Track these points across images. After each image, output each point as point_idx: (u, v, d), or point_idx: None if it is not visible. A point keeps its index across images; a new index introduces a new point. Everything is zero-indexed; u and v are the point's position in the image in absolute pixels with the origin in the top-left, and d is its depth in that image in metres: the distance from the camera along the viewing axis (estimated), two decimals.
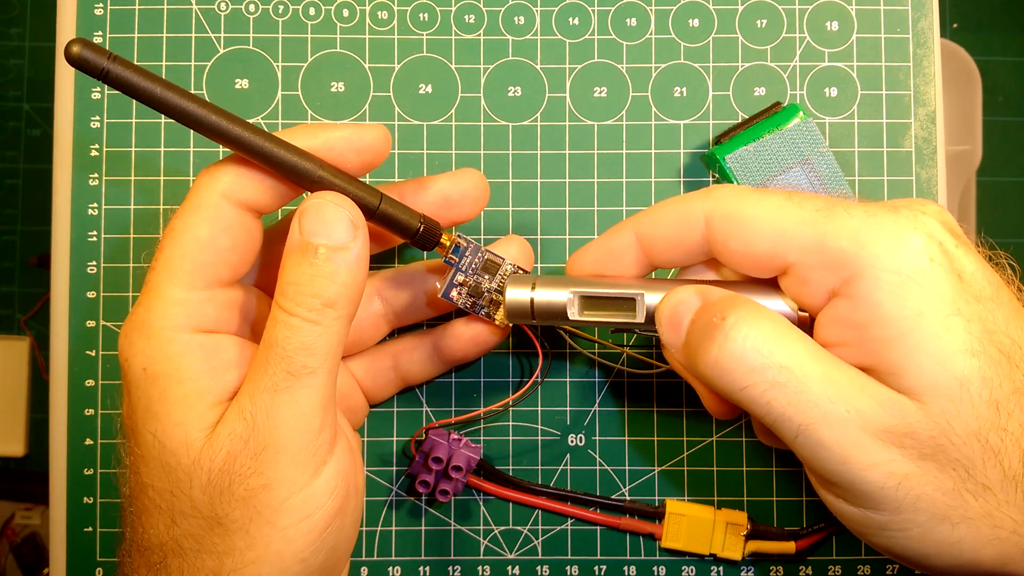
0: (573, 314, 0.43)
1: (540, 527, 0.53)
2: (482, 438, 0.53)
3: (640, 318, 0.42)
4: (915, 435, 0.34)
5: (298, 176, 0.39)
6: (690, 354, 0.38)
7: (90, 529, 0.52)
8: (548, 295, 0.43)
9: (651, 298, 0.42)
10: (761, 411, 0.36)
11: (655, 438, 0.53)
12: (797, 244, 0.37)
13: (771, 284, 0.41)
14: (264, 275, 0.45)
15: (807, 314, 0.39)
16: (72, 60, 0.34)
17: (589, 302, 0.43)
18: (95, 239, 0.53)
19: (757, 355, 0.35)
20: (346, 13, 0.54)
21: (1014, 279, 0.38)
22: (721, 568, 0.53)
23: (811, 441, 0.35)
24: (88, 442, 0.53)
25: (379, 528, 0.53)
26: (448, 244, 0.44)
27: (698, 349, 0.37)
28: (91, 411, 0.53)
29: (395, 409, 0.53)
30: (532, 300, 0.44)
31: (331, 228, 0.38)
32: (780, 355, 0.35)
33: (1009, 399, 0.34)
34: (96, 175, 0.53)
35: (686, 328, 0.39)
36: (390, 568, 0.53)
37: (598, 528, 0.53)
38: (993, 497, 0.35)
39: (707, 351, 0.37)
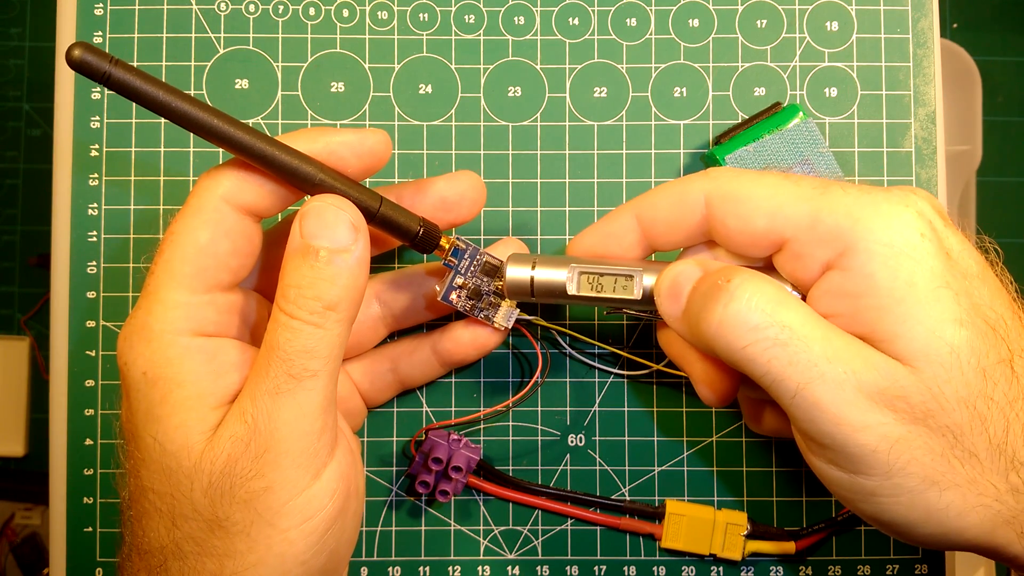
0: (572, 290, 0.44)
1: (540, 527, 0.53)
2: (482, 438, 0.53)
3: (637, 294, 0.43)
4: (907, 399, 0.35)
5: (298, 180, 0.39)
6: (691, 320, 0.39)
7: (90, 529, 0.52)
8: (548, 273, 0.44)
9: (648, 278, 0.43)
10: (760, 370, 0.36)
11: (655, 438, 0.53)
12: (793, 220, 0.38)
13: (765, 268, 0.41)
14: (264, 279, 0.45)
15: (800, 295, 0.40)
16: (73, 64, 0.34)
17: (587, 279, 0.44)
18: (95, 239, 0.53)
19: (761, 314, 0.36)
20: (346, 13, 0.54)
21: (997, 262, 0.39)
22: (721, 568, 0.53)
23: (807, 402, 0.36)
24: (88, 442, 0.53)
25: (379, 528, 0.53)
26: (447, 247, 0.44)
27: (701, 311, 0.38)
28: (91, 411, 0.53)
29: (395, 410, 0.53)
30: (532, 278, 0.44)
31: (332, 231, 0.38)
32: (783, 315, 0.36)
33: (995, 368, 0.36)
34: (96, 175, 0.53)
35: (686, 296, 0.40)
36: (390, 568, 0.53)
37: (598, 528, 0.53)
38: (979, 464, 0.36)
39: (711, 311, 0.38)
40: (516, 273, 0.44)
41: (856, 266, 0.37)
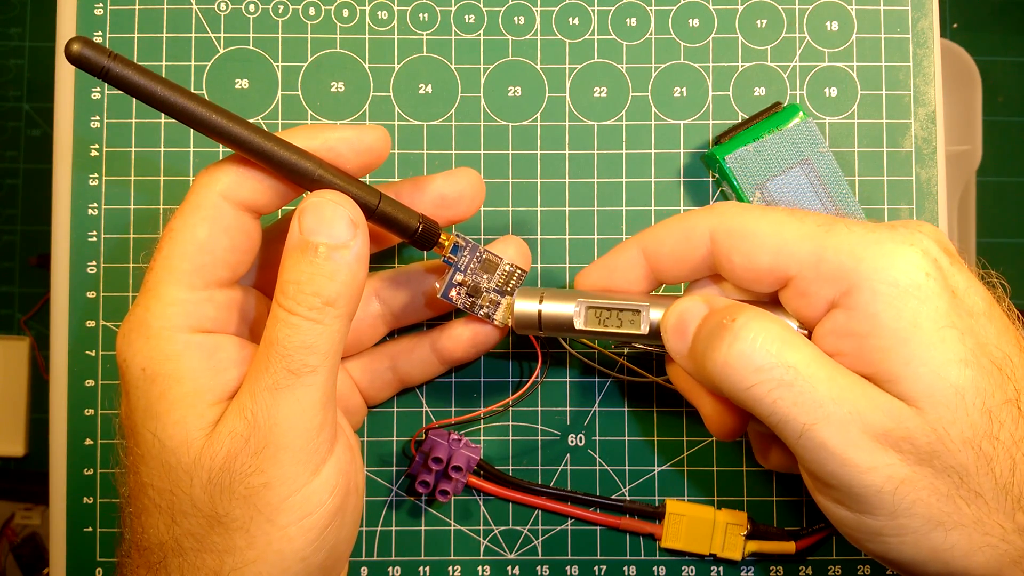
0: (579, 325, 0.44)
1: (540, 527, 0.53)
2: (482, 438, 0.53)
3: (644, 329, 0.43)
4: (912, 440, 0.35)
5: (297, 176, 0.39)
6: (696, 358, 0.39)
7: (90, 529, 0.52)
8: (555, 307, 0.44)
9: (655, 312, 0.43)
10: (766, 411, 0.36)
11: (655, 438, 0.53)
12: (798, 258, 0.38)
13: (772, 302, 0.42)
14: (263, 276, 0.45)
15: (806, 331, 0.40)
16: (72, 58, 0.34)
17: (595, 314, 0.44)
18: (95, 239, 0.53)
19: (766, 354, 0.36)
20: (346, 13, 0.54)
21: (1004, 298, 0.39)
22: (721, 568, 0.53)
23: (813, 442, 0.36)
24: (88, 442, 0.53)
25: (379, 528, 0.53)
26: (447, 244, 0.44)
27: (707, 350, 0.38)
28: (91, 411, 0.53)
29: (395, 409, 0.53)
30: (540, 312, 0.45)
31: (331, 226, 0.38)
32: (788, 355, 0.36)
33: (1001, 409, 0.35)
34: (96, 175, 0.53)
35: (692, 334, 0.40)
36: (390, 568, 0.53)
37: (598, 528, 0.53)
38: (985, 505, 0.36)
39: (716, 350, 0.37)
40: (524, 306, 0.45)
41: (860, 306, 0.37)
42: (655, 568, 0.53)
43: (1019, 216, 1.21)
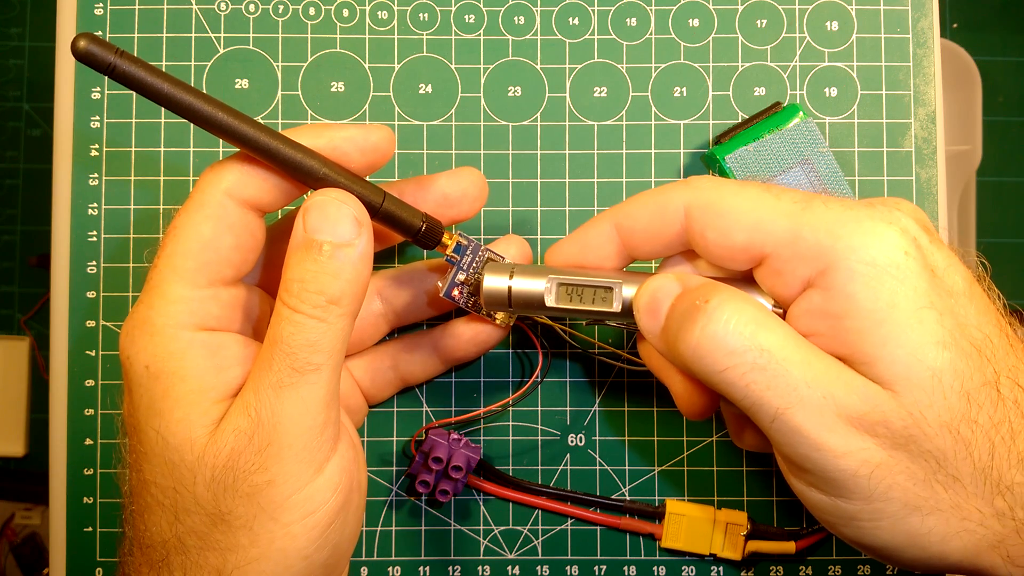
0: (550, 302, 0.43)
1: (540, 527, 0.53)
2: (482, 438, 0.53)
3: (616, 307, 0.42)
4: (888, 424, 0.35)
5: (302, 174, 0.39)
6: (669, 339, 0.39)
7: (90, 529, 0.52)
8: (526, 283, 0.43)
9: (628, 290, 0.42)
10: (739, 394, 0.36)
11: (655, 438, 0.53)
12: (774, 235, 0.37)
13: (746, 279, 0.41)
14: (267, 274, 0.45)
15: (781, 310, 0.39)
16: (79, 55, 0.34)
17: (566, 291, 0.43)
18: (95, 239, 0.53)
19: (739, 337, 0.36)
20: (346, 13, 0.54)
21: (984, 277, 0.39)
22: (721, 568, 0.53)
23: (787, 426, 0.35)
24: (88, 442, 0.52)
25: (379, 528, 0.53)
26: (449, 243, 0.44)
27: (679, 332, 0.38)
28: (91, 411, 0.53)
29: (395, 409, 0.53)
30: (510, 288, 0.44)
31: (335, 225, 0.38)
32: (761, 338, 0.36)
33: (979, 391, 0.35)
34: (96, 175, 0.53)
35: (665, 313, 0.40)
36: (390, 568, 0.53)
37: (598, 528, 0.53)
38: (963, 489, 0.35)
39: (689, 333, 0.37)
40: (493, 282, 0.44)
41: (836, 286, 0.36)
42: (655, 568, 0.53)
43: (1019, 216, 1.21)
